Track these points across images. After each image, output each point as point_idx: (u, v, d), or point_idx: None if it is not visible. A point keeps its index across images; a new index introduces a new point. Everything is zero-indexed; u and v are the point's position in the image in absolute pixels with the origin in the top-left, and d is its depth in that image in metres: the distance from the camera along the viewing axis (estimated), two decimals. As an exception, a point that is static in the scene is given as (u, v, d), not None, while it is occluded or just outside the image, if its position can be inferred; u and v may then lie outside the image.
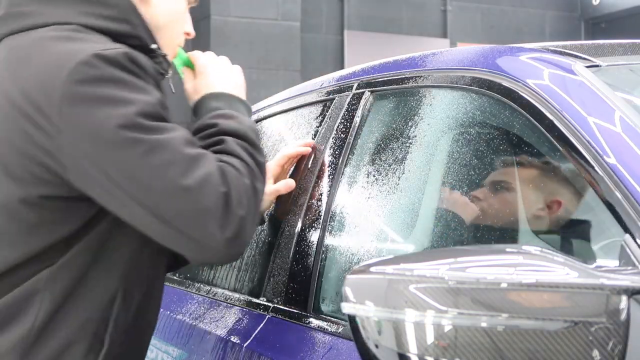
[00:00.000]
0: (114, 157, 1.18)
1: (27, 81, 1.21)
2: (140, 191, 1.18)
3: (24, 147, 1.20)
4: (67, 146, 1.18)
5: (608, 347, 0.83)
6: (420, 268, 0.90)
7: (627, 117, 1.10)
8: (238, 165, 1.26)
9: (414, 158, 1.49)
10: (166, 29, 1.41)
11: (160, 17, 1.40)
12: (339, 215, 1.56)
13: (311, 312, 1.48)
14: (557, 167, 1.23)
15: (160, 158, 1.19)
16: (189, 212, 1.19)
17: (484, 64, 1.34)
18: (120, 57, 1.22)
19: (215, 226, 1.19)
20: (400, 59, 1.64)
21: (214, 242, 1.20)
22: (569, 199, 1.25)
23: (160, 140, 1.20)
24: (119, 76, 1.21)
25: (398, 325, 0.89)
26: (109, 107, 1.18)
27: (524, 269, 0.86)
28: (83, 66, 1.19)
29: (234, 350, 1.58)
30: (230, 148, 1.29)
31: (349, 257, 1.51)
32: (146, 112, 1.20)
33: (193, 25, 1.52)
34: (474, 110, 1.37)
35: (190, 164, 1.20)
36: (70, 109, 1.18)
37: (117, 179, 1.18)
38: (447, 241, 1.37)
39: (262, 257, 1.78)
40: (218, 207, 1.19)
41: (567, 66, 1.25)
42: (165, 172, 1.18)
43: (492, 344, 0.85)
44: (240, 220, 1.22)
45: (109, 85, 1.19)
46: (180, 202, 1.19)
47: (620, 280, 0.84)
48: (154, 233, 1.23)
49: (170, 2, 1.42)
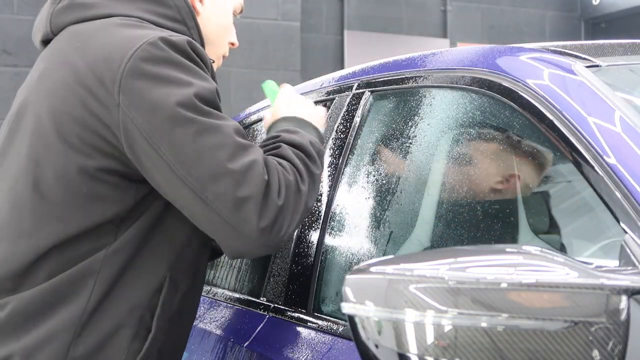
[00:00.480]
0: (167, 134, 1.23)
1: (95, 57, 1.27)
2: (187, 170, 1.22)
3: (85, 119, 1.25)
4: (124, 120, 1.23)
5: (608, 347, 0.83)
6: (420, 268, 0.90)
7: (627, 117, 1.10)
8: (285, 165, 1.31)
9: (413, 158, 1.49)
10: (215, 39, 1.51)
11: (209, 28, 1.49)
12: (339, 215, 1.56)
13: (311, 312, 1.48)
14: (556, 163, 1.23)
15: (211, 140, 1.23)
16: (230, 195, 1.22)
17: (484, 64, 1.34)
18: (185, 44, 1.29)
19: (252, 213, 1.22)
20: (400, 59, 1.64)
21: (249, 229, 1.22)
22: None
23: (213, 124, 1.25)
24: (181, 60, 1.27)
25: (398, 325, 0.89)
26: (169, 86, 1.24)
27: (524, 269, 0.86)
28: (149, 46, 1.25)
29: (234, 350, 1.58)
30: (283, 152, 1.34)
31: (349, 257, 1.51)
32: (203, 96, 1.26)
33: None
34: (474, 111, 1.37)
35: (238, 150, 1.25)
36: (131, 84, 1.23)
37: (167, 155, 1.23)
38: (448, 241, 1.37)
39: (262, 257, 1.78)
40: (258, 195, 1.23)
41: (567, 66, 1.25)
42: (213, 154, 1.23)
43: (492, 344, 0.85)
44: (277, 210, 1.24)
45: (171, 67, 1.26)
46: (223, 184, 1.22)
47: (620, 280, 0.84)
48: (195, 215, 1.26)
49: (219, 15, 1.51)
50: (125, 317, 1.29)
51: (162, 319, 1.32)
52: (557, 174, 1.25)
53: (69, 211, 1.27)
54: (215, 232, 1.26)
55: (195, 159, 1.22)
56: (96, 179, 1.27)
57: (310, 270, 1.52)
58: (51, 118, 1.29)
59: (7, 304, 1.28)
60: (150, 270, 1.32)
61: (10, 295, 1.28)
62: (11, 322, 1.27)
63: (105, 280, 1.28)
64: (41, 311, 1.26)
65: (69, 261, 1.27)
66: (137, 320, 1.30)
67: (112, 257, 1.28)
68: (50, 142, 1.28)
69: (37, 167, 1.29)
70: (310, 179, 1.34)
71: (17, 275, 1.28)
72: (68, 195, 1.27)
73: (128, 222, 1.30)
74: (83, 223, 1.27)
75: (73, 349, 1.25)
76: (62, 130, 1.27)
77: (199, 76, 1.29)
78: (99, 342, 1.27)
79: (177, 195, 1.26)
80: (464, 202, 1.37)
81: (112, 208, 1.28)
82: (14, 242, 1.29)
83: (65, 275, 1.27)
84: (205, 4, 1.49)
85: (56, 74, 1.32)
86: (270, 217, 1.23)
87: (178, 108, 1.22)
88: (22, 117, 1.36)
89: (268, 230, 1.23)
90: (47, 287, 1.27)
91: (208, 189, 1.22)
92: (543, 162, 1.27)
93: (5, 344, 1.27)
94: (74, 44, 1.33)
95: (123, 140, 1.24)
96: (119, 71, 1.24)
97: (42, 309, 1.26)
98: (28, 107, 1.35)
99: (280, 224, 1.25)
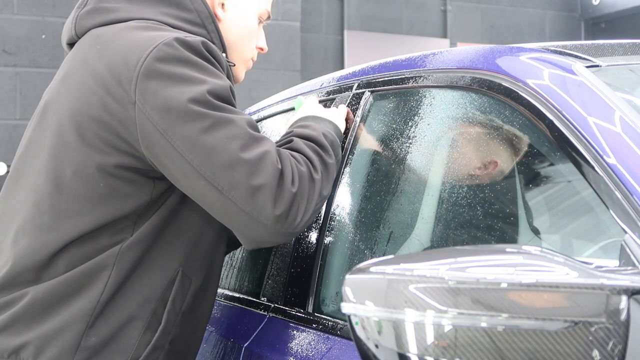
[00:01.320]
0: (181, 129, 1.26)
1: (113, 59, 1.32)
2: (203, 162, 1.26)
3: (104, 118, 1.30)
4: (140, 117, 1.28)
5: (608, 347, 0.83)
6: (420, 268, 0.89)
7: (627, 117, 1.10)
8: (297, 156, 1.36)
9: (413, 158, 1.49)
10: (237, 44, 1.55)
11: (232, 33, 1.54)
12: (339, 215, 1.56)
13: (311, 312, 1.48)
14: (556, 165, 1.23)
15: (224, 132, 1.27)
16: (244, 185, 1.26)
17: (484, 64, 1.34)
18: (199, 44, 1.34)
19: (268, 201, 1.26)
20: (400, 59, 1.64)
21: (265, 216, 1.26)
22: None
23: (226, 117, 1.29)
24: (195, 59, 1.32)
25: (398, 325, 0.89)
26: (184, 84, 1.28)
27: (524, 269, 0.86)
28: (164, 46, 1.30)
29: (234, 350, 1.58)
30: (295, 145, 1.39)
31: (349, 257, 1.51)
32: (217, 92, 1.30)
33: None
34: (473, 111, 1.37)
35: (251, 141, 1.29)
36: (147, 82, 1.28)
37: (182, 149, 1.26)
38: (448, 241, 1.37)
39: (262, 257, 1.78)
40: (272, 183, 1.27)
41: (567, 66, 1.25)
42: (226, 145, 1.27)
43: (492, 344, 0.85)
44: (292, 197, 1.28)
45: (185, 66, 1.30)
46: (237, 174, 1.26)
47: (620, 280, 0.84)
48: (212, 206, 1.30)
49: (242, 21, 1.55)
50: (137, 310, 1.34)
51: (172, 312, 1.37)
52: (557, 174, 1.25)
53: (87, 207, 1.32)
54: (233, 222, 1.30)
55: (210, 150, 1.26)
56: (114, 175, 1.31)
57: (310, 270, 1.52)
58: (71, 118, 1.34)
59: (26, 295, 1.32)
60: (163, 265, 1.36)
61: (30, 287, 1.33)
62: (28, 312, 1.32)
63: (119, 273, 1.32)
64: (57, 302, 1.31)
65: (86, 255, 1.32)
66: (149, 313, 1.34)
67: (127, 251, 1.33)
68: (70, 141, 1.33)
69: (57, 164, 1.34)
70: (324, 168, 1.38)
71: (37, 268, 1.33)
72: (86, 191, 1.32)
73: (145, 217, 1.35)
74: (101, 218, 1.32)
75: (85, 339, 1.30)
76: (82, 129, 1.32)
77: (213, 74, 1.33)
78: (111, 333, 1.31)
79: (194, 188, 1.29)
80: (464, 202, 1.37)
81: (129, 204, 1.33)
82: (35, 236, 1.34)
83: (82, 268, 1.32)
84: (228, 10, 1.54)
85: (77, 75, 1.38)
86: (285, 205, 1.27)
87: (191, 104, 1.26)
88: (45, 117, 1.41)
89: (284, 217, 1.27)
90: (63, 280, 1.31)
91: (223, 179, 1.26)
92: (542, 162, 1.27)
93: (22, 333, 1.31)
94: (94, 47, 1.38)
95: (140, 137, 1.28)
96: (135, 71, 1.28)
97: (58, 300, 1.31)
98: (51, 107, 1.41)
99: (295, 212, 1.29)
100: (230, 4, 1.55)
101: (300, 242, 1.59)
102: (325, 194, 1.38)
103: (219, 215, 1.31)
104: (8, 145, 6.44)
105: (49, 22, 6.59)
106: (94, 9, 1.45)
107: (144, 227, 1.34)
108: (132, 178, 1.33)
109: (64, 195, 1.33)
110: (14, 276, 1.33)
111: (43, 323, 1.31)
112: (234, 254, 1.98)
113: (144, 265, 1.35)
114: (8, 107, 6.48)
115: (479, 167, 1.36)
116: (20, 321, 1.32)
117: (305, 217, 1.31)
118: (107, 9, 1.44)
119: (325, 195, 1.38)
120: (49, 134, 1.37)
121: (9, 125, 6.47)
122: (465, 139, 1.42)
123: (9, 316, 1.32)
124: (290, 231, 1.30)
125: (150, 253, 1.35)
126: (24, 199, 1.38)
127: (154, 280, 1.35)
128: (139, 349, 1.33)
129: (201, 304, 1.45)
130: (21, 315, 1.32)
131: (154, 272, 1.36)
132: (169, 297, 1.36)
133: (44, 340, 1.30)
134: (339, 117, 1.55)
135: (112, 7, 1.44)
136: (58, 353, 1.29)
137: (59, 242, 1.32)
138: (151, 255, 1.35)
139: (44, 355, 1.29)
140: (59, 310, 1.31)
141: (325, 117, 1.51)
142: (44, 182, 1.35)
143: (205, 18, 1.47)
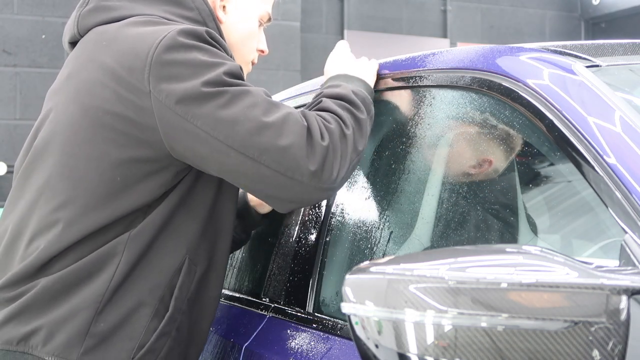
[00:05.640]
0: (200, 110, 1.28)
1: (122, 51, 1.34)
2: (228, 134, 1.28)
3: (118, 110, 1.32)
4: (157, 105, 1.29)
5: (608, 347, 0.83)
6: (420, 268, 0.89)
7: (627, 117, 1.10)
8: (325, 115, 1.37)
9: (413, 158, 1.49)
10: (237, 46, 1.57)
11: (233, 35, 1.55)
12: (339, 215, 1.56)
13: (311, 312, 1.48)
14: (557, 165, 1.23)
15: (243, 103, 1.30)
16: (274, 146, 1.27)
17: (484, 64, 1.34)
18: (204, 33, 1.36)
19: (300, 157, 1.27)
20: (400, 58, 1.64)
21: (300, 174, 1.28)
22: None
23: (242, 90, 1.32)
24: (204, 46, 1.35)
25: (398, 325, 0.89)
26: (196, 68, 1.30)
27: (524, 269, 0.86)
28: (173, 35, 1.32)
29: (234, 350, 1.58)
30: (324, 105, 1.40)
31: (349, 257, 1.51)
32: (230, 71, 1.33)
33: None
34: (473, 111, 1.37)
35: (270, 106, 1.32)
36: (160, 70, 1.29)
37: (205, 128, 1.28)
38: (448, 241, 1.37)
39: (262, 257, 1.78)
40: (302, 140, 1.28)
41: (567, 66, 1.25)
42: (248, 113, 1.29)
43: (492, 344, 0.85)
44: (324, 151, 1.29)
45: (196, 51, 1.33)
46: (264, 138, 1.28)
47: (620, 280, 0.84)
48: (248, 176, 1.31)
49: (243, 23, 1.57)
50: (145, 296, 1.35)
51: (179, 299, 1.39)
52: (557, 173, 1.25)
53: (102, 202, 1.34)
54: (270, 187, 1.31)
55: (233, 122, 1.28)
56: (130, 169, 1.33)
57: (310, 270, 1.52)
58: (84, 114, 1.35)
59: (36, 285, 1.34)
60: (170, 252, 1.38)
61: (42, 277, 1.34)
62: (39, 300, 1.33)
63: (128, 260, 1.34)
64: (66, 290, 1.33)
65: (97, 245, 1.34)
66: (157, 300, 1.36)
67: (136, 238, 1.35)
68: (86, 137, 1.34)
69: (71, 161, 1.36)
70: (356, 123, 1.39)
71: (50, 261, 1.35)
72: (102, 187, 1.34)
73: (154, 206, 1.36)
74: (116, 212, 1.34)
75: (94, 325, 1.31)
76: (97, 124, 1.33)
77: (222, 57, 1.35)
78: (120, 319, 1.33)
79: (225, 163, 1.30)
80: (464, 202, 1.37)
81: (143, 197, 1.35)
82: (50, 234, 1.35)
83: (92, 256, 1.34)
84: (229, 13, 1.55)
85: (84, 72, 1.39)
86: (319, 159, 1.29)
87: (206, 87, 1.28)
88: (53, 116, 1.42)
89: (319, 172, 1.28)
90: (74, 268, 1.33)
91: (252, 146, 1.27)
92: (542, 162, 1.27)
93: (31, 320, 1.33)
94: (100, 43, 1.40)
95: (159, 127, 1.30)
96: (147, 60, 1.30)
97: (68, 287, 1.33)
98: (59, 106, 1.41)
99: (330, 166, 1.30)
100: (232, 6, 1.56)
101: (300, 242, 1.59)
102: (361, 148, 1.39)
103: (257, 183, 1.32)
104: (8, 145, 6.43)
105: (49, 22, 6.59)
106: (96, 8, 1.46)
107: (153, 214, 1.36)
108: (146, 171, 1.34)
109: (79, 192, 1.34)
110: (26, 271, 1.35)
111: (52, 310, 1.32)
112: (234, 254, 1.98)
113: (152, 252, 1.36)
114: (8, 107, 6.47)
115: (479, 167, 1.36)
116: (29, 309, 1.33)
117: (342, 172, 1.32)
118: (109, 7, 1.45)
119: (360, 150, 1.39)
120: (60, 133, 1.38)
121: (9, 125, 6.47)
122: (465, 139, 1.42)
123: (18, 305, 1.34)
124: (327, 186, 1.31)
125: (158, 240, 1.37)
126: (36, 197, 1.39)
127: (162, 267, 1.37)
128: (146, 335, 1.34)
129: (205, 293, 1.46)
130: (31, 304, 1.33)
131: (162, 259, 1.37)
132: (176, 283, 1.38)
133: (53, 326, 1.31)
134: (370, 74, 1.55)
135: (114, 5, 1.45)
136: (67, 339, 1.30)
137: (73, 238, 1.34)
138: (159, 242, 1.37)
139: (53, 341, 1.31)
140: (69, 297, 1.32)
141: (356, 75, 1.52)
142: (57, 180, 1.36)
143: (206, 16, 1.48)
